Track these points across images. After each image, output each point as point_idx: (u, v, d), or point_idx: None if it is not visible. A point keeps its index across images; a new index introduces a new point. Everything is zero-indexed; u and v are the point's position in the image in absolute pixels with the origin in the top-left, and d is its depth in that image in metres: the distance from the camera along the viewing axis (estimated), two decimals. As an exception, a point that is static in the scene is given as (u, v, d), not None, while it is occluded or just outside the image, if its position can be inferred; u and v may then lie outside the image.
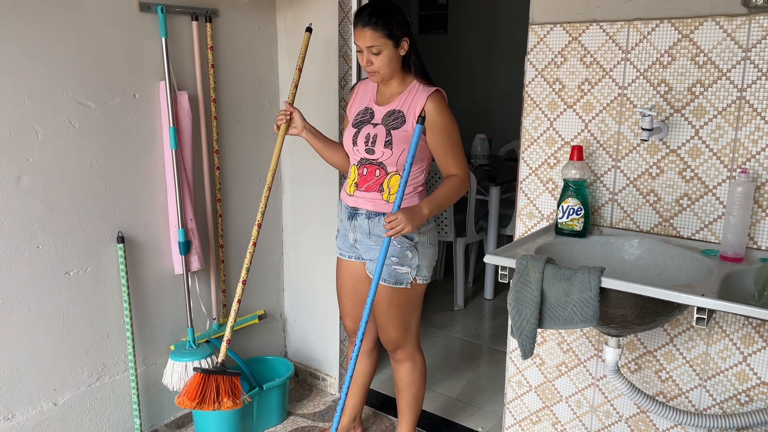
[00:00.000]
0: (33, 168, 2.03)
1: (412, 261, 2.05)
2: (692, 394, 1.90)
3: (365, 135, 2.05)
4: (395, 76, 2.03)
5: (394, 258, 2.04)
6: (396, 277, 2.06)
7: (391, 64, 1.98)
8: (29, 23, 1.96)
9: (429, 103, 1.96)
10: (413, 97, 2.00)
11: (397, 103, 2.02)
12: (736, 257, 1.67)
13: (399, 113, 2.00)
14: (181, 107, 2.34)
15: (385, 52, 1.95)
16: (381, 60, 1.96)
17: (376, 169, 2.05)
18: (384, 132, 2.01)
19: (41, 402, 2.16)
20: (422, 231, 2.05)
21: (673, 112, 1.82)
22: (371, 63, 1.97)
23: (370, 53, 1.96)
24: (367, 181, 2.07)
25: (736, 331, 1.79)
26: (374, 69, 1.98)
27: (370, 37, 1.93)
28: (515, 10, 3.86)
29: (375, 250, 2.07)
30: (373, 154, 2.04)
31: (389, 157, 2.00)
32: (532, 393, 2.23)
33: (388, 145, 2.00)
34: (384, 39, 1.94)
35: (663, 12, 1.78)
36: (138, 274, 2.36)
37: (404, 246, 2.03)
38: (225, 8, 2.50)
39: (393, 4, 1.98)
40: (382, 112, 2.04)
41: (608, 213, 1.98)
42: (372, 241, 2.08)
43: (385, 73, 1.99)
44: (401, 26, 1.96)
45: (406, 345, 2.18)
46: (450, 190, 2.02)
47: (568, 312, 1.57)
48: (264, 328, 2.90)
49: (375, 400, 2.84)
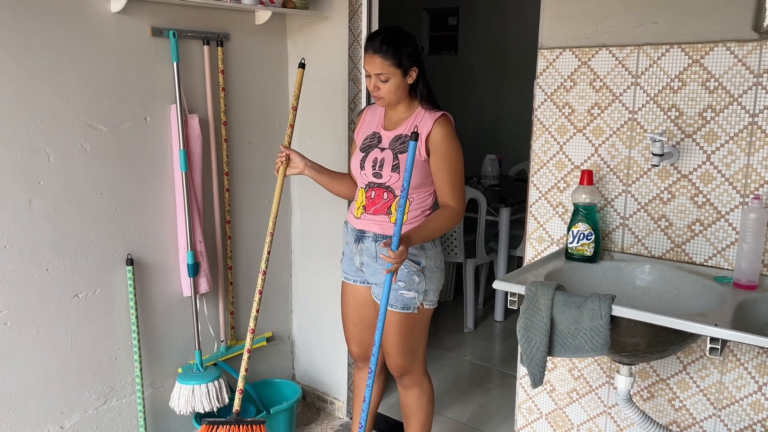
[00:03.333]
0: (44, 191, 2.05)
1: (420, 285, 2.04)
2: (706, 424, 1.86)
3: (373, 159, 2.06)
4: (402, 102, 2.03)
5: (401, 283, 2.03)
6: (403, 302, 2.04)
7: (397, 92, 1.99)
8: (42, 47, 1.99)
9: (436, 128, 1.96)
10: (419, 122, 2.00)
11: (404, 128, 2.02)
12: (750, 285, 1.64)
13: (406, 137, 2.01)
14: (192, 130, 2.35)
15: (392, 80, 1.96)
16: (388, 87, 1.97)
17: (384, 192, 2.05)
18: (391, 156, 2.02)
19: (48, 425, 2.15)
20: (429, 255, 2.04)
21: (684, 137, 1.80)
22: (378, 89, 1.99)
23: (378, 80, 1.97)
24: (375, 204, 2.06)
25: (751, 360, 1.76)
26: (380, 95, 2.00)
27: (379, 65, 1.95)
28: (525, 32, 3.87)
29: (381, 273, 2.06)
30: (380, 178, 2.04)
31: (397, 180, 2.00)
32: (542, 420, 2.20)
33: (395, 169, 2.00)
34: (392, 68, 1.94)
35: (673, 37, 1.78)
36: (146, 296, 2.36)
37: (411, 270, 2.02)
38: (236, 32, 2.52)
39: (405, 33, 1.99)
40: (390, 136, 2.05)
41: (619, 238, 1.96)
42: (378, 264, 2.06)
43: (391, 99, 2.01)
44: (411, 56, 1.96)
45: (413, 370, 2.16)
46: (442, 223, 1.98)
47: (579, 340, 1.55)
48: (272, 350, 2.89)
49: (383, 425, 2.81)
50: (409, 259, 2.02)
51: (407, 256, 1.98)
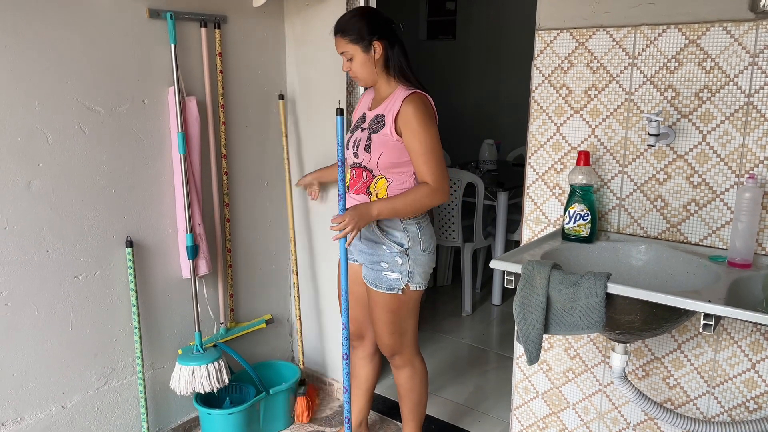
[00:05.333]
0: (43, 173, 2.05)
1: (403, 267, 2.05)
2: (700, 401, 1.89)
3: (355, 139, 2.10)
4: (381, 81, 2.05)
5: (384, 264, 2.06)
6: (387, 282, 2.06)
7: (365, 68, 2.02)
8: (40, 30, 1.98)
9: (404, 106, 1.96)
10: (393, 101, 2.01)
11: (383, 107, 2.04)
12: (744, 263, 1.66)
13: (381, 117, 2.03)
14: (190, 113, 2.35)
15: (356, 58, 2.01)
16: (355, 65, 2.02)
17: (363, 172, 2.08)
18: (366, 136, 2.05)
19: (50, 405, 2.18)
20: (412, 237, 2.05)
21: (680, 118, 1.81)
22: (350, 69, 2.04)
23: (346, 59, 2.04)
24: (356, 183, 2.10)
25: (745, 338, 1.78)
26: (354, 74, 2.05)
27: (339, 44, 2.02)
28: (523, 15, 3.86)
29: (367, 253, 2.10)
30: (358, 158, 2.08)
31: (369, 160, 2.03)
32: (539, 399, 2.22)
33: (368, 149, 2.03)
34: (351, 45, 1.99)
35: (670, 17, 1.78)
36: (146, 278, 2.38)
37: (394, 251, 2.04)
38: (234, 15, 2.52)
39: (367, 9, 2.06)
40: (371, 116, 2.08)
41: (615, 218, 1.98)
42: (364, 244, 2.10)
43: (364, 77, 2.04)
44: (374, 31, 1.98)
45: (404, 351, 2.18)
46: (413, 198, 1.96)
47: (574, 318, 1.57)
48: (271, 332, 2.91)
49: (381, 406, 2.84)
50: (391, 240, 2.04)
51: (388, 237, 2.04)
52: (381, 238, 2.05)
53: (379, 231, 2.05)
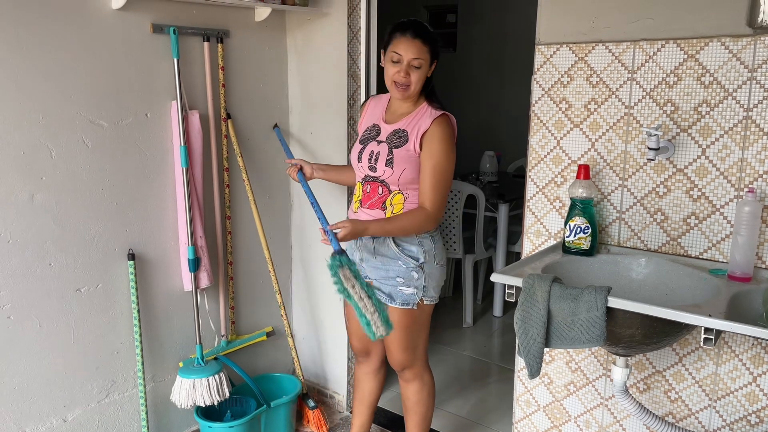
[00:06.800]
0: (46, 186, 2.06)
1: (419, 282, 2.04)
2: (702, 415, 1.88)
3: (369, 152, 2.06)
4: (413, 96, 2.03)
5: (399, 279, 2.04)
6: (402, 298, 2.05)
7: (421, 81, 1.97)
8: (44, 43, 2.00)
9: (433, 126, 1.96)
10: (420, 118, 2.00)
11: (404, 123, 2.03)
12: (744, 277, 1.66)
13: (403, 132, 2.01)
14: (192, 126, 2.37)
15: (423, 69, 1.96)
16: (418, 75, 1.95)
17: (378, 187, 2.05)
18: (386, 150, 2.02)
19: (51, 418, 2.17)
20: (427, 251, 2.05)
21: (679, 132, 1.82)
22: (408, 76, 1.95)
23: (411, 66, 1.94)
24: (371, 198, 2.07)
25: (746, 352, 1.78)
26: (408, 82, 1.96)
27: (419, 50, 1.92)
28: (523, 29, 3.89)
29: (381, 269, 2.07)
30: (375, 172, 2.04)
31: (390, 175, 2.00)
32: (540, 412, 2.22)
33: (389, 163, 2.00)
34: (428, 55, 1.94)
35: (668, 33, 1.80)
36: (148, 291, 2.38)
37: (410, 266, 2.03)
38: (236, 29, 2.54)
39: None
40: (389, 130, 2.05)
41: (616, 232, 1.98)
42: (378, 260, 2.07)
43: (416, 89, 1.98)
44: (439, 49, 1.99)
45: (414, 365, 2.17)
46: (409, 223, 1.97)
47: (575, 331, 1.57)
48: (272, 345, 2.91)
49: (383, 419, 2.83)
50: (407, 254, 2.03)
51: (404, 251, 2.00)
52: (397, 254, 2.03)
53: (395, 246, 2.03)
